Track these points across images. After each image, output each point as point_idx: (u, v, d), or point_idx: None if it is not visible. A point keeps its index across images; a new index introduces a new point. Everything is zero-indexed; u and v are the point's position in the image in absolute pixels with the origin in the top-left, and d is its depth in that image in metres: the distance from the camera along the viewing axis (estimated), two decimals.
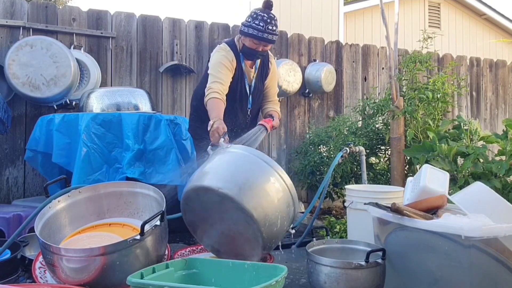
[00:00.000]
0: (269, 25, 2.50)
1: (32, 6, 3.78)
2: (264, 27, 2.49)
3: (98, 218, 2.21)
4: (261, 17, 2.50)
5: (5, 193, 3.68)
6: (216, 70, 2.55)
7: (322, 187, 2.93)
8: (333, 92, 5.03)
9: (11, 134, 3.66)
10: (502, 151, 3.10)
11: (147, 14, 4.25)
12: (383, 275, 1.82)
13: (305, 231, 2.86)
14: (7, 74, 3.35)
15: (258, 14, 2.51)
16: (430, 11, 9.10)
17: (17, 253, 2.03)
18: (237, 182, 1.88)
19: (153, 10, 5.90)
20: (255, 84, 2.73)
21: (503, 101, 6.28)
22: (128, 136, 2.93)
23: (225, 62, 2.56)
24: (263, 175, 1.96)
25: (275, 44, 4.76)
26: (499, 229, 1.48)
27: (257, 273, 1.64)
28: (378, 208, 1.87)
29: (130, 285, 1.46)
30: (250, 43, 2.55)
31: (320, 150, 4.29)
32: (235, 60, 2.61)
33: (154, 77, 4.21)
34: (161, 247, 1.95)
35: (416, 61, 3.70)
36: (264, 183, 1.93)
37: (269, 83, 2.79)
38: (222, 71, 2.54)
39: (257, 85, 2.74)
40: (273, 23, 2.51)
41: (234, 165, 2.01)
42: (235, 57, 2.61)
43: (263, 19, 2.49)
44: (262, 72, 2.75)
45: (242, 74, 2.67)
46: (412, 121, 3.50)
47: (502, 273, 1.53)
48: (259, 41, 2.52)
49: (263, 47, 2.57)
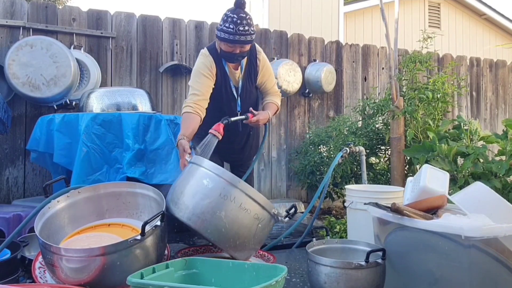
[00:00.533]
0: (240, 26, 2.39)
1: (32, 6, 3.78)
2: (235, 29, 2.39)
3: (97, 218, 2.21)
4: (231, 19, 2.39)
5: (5, 193, 3.68)
6: (193, 80, 2.57)
7: (322, 187, 2.92)
8: (333, 92, 5.03)
9: (11, 134, 3.66)
10: (502, 151, 3.10)
11: (147, 14, 4.25)
12: (383, 275, 1.82)
13: (305, 231, 2.86)
14: (7, 74, 3.35)
15: (228, 16, 2.41)
16: (430, 11, 9.11)
17: (17, 253, 2.03)
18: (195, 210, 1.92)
19: (153, 10, 5.91)
20: (243, 85, 2.67)
21: (503, 101, 6.28)
22: (128, 136, 2.93)
23: (202, 70, 2.54)
24: (222, 200, 1.92)
25: (275, 44, 4.78)
26: (499, 229, 1.48)
27: (257, 273, 1.64)
28: (378, 208, 1.87)
29: (130, 285, 1.46)
30: (225, 47, 2.48)
31: (320, 150, 4.29)
32: (214, 65, 2.57)
33: (154, 77, 4.21)
34: (161, 247, 1.95)
35: (416, 61, 3.70)
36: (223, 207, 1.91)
37: (261, 78, 2.71)
38: (199, 80, 2.54)
39: (246, 86, 2.67)
40: (244, 23, 2.40)
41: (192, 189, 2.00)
42: (214, 62, 2.57)
43: (233, 20, 2.39)
44: (249, 70, 2.66)
45: (226, 77, 2.62)
46: (412, 121, 3.50)
47: (502, 273, 1.53)
48: (233, 44, 2.44)
49: (240, 49, 2.48)
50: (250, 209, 1.92)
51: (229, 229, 1.89)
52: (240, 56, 2.54)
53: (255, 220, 1.94)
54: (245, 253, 1.99)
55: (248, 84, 2.68)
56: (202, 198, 1.91)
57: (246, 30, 2.42)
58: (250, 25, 2.44)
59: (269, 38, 4.76)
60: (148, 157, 2.99)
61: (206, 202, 1.90)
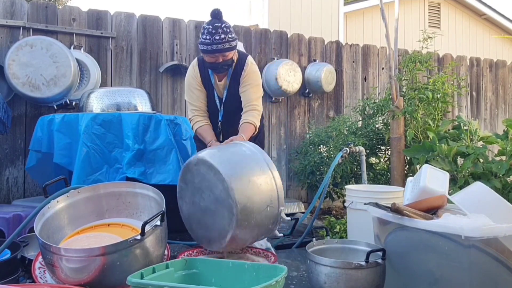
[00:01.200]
0: (216, 35, 2.42)
1: (32, 6, 3.78)
2: (211, 39, 2.42)
3: (97, 218, 2.21)
4: (206, 30, 2.44)
5: (5, 193, 3.68)
6: (188, 95, 2.72)
7: (322, 187, 2.93)
8: (333, 92, 5.03)
9: (11, 134, 3.66)
10: (502, 151, 3.10)
11: (147, 14, 4.25)
12: (383, 275, 1.82)
13: (305, 231, 2.86)
14: (7, 74, 3.35)
15: (204, 28, 2.46)
16: (430, 11, 9.11)
17: (17, 253, 2.03)
18: (224, 159, 2.09)
19: (153, 10, 5.91)
20: (228, 95, 2.68)
21: (503, 101, 6.28)
22: (128, 136, 2.93)
23: (191, 84, 2.68)
24: (256, 166, 2.11)
25: (275, 44, 4.78)
26: (499, 229, 1.48)
27: (257, 273, 1.64)
28: (378, 208, 1.87)
29: (130, 285, 1.46)
30: (207, 58, 2.51)
31: (320, 150, 4.29)
32: (199, 75, 2.65)
33: (154, 77, 4.21)
34: (161, 247, 1.95)
35: (416, 61, 3.70)
36: (254, 172, 2.07)
37: (242, 88, 2.64)
38: (193, 95, 2.68)
39: (230, 95, 2.68)
40: (220, 31, 2.42)
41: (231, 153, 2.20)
42: (199, 72, 2.65)
43: (208, 31, 2.43)
44: (235, 79, 2.65)
45: (210, 88, 2.69)
46: (412, 121, 3.50)
47: (502, 273, 1.53)
48: (212, 54, 2.47)
49: (222, 57, 2.49)
50: (271, 187, 2.07)
51: (250, 187, 2.01)
52: (224, 65, 2.54)
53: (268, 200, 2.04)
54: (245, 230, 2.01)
55: (232, 95, 2.69)
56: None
57: (223, 38, 2.44)
58: (226, 33, 2.45)
59: (269, 38, 4.76)
60: (147, 157, 2.99)
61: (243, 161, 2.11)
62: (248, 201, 1.96)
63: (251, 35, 4.66)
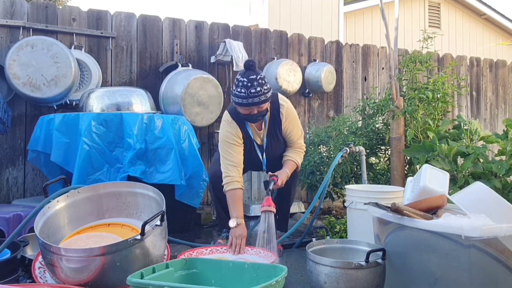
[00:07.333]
0: (251, 88, 2.37)
1: (32, 6, 3.78)
2: (247, 93, 2.37)
3: (97, 218, 2.21)
4: (241, 83, 2.39)
5: (5, 193, 3.68)
6: (224, 150, 2.59)
7: (322, 187, 2.92)
8: (333, 92, 5.03)
9: (11, 134, 3.66)
10: (502, 151, 3.10)
11: (147, 14, 4.25)
12: (383, 275, 1.82)
13: (305, 231, 2.86)
14: (8, 74, 3.35)
15: (239, 81, 2.41)
16: (430, 11, 9.11)
17: (17, 253, 2.03)
18: None
19: (153, 10, 5.90)
20: (268, 143, 2.68)
21: (503, 101, 6.28)
22: (129, 135, 2.93)
23: (230, 140, 2.58)
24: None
25: (275, 44, 4.78)
26: (499, 229, 1.48)
27: (257, 273, 1.64)
28: (378, 208, 1.87)
29: (130, 285, 1.46)
30: (242, 110, 2.47)
31: (320, 150, 4.28)
32: (239, 130, 2.60)
33: (154, 77, 4.21)
34: (161, 247, 1.95)
35: (416, 61, 3.70)
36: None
37: (285, 131, 2.68)
38: (231, 151, 2.57)
39: (270, 142, 2.68)
40: (255, 84, 2.37)
41: None
42: (239, 127, 2.60)
43: (243, 84, 2.38)
44: (274, 125, 2.65)
45: (250, 140, 2.65)
46: (412, 121, 3.50)
47: (502, 273, 1.52)
48: (248, 107, 2.43)
49: (257, 109, 2.45)
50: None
51: None
52: (259, 116, 2.52)
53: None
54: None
55: (273, 140, 2.68)
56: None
57: (259, 91, 2.39)
58: (262, 85, 2.41)
59: (269, 38, 4.76)
60: (147, 156, 2.99)
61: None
62: None
63: (251, 35, 4.66)
